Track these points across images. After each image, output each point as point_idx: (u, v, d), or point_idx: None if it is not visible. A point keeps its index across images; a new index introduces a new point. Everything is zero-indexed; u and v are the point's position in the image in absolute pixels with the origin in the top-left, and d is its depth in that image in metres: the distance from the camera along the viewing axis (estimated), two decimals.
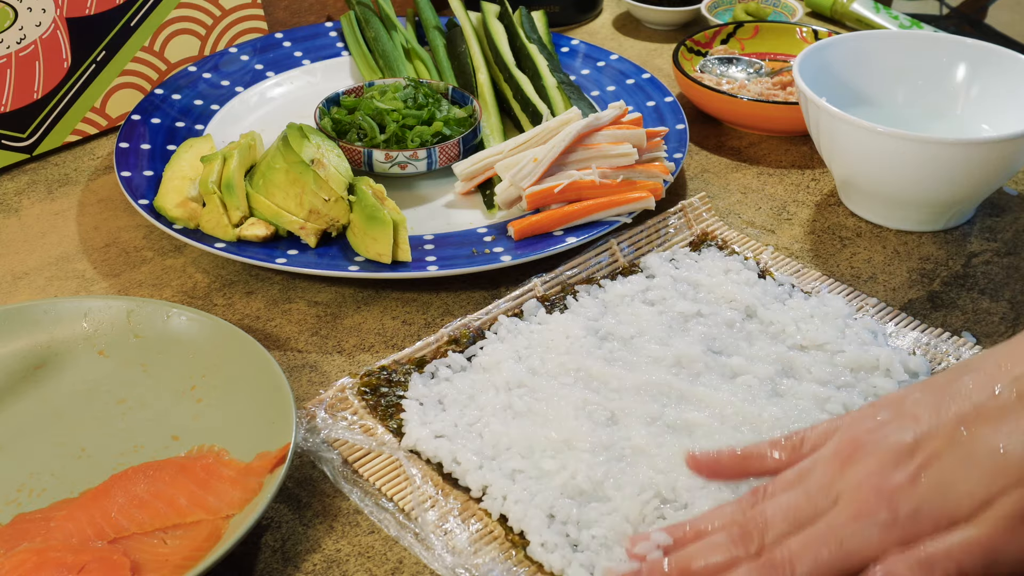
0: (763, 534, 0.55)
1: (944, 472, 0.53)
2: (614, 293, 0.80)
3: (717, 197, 0.97)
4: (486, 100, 1.05)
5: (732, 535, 0.56)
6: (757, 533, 0.56)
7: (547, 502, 0.63)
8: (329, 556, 0.64)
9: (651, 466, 0.65)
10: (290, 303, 0.84)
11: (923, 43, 0.99)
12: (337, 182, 0.85)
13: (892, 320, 0.81)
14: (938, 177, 0.86)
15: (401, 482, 0.67)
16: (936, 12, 2.34)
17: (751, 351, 0.74)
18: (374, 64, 1.12)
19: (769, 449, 0.61)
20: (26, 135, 1.03)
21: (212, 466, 0.66)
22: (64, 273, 0.88)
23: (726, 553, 0.56)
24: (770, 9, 1.28)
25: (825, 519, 0.55)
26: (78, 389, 0.74)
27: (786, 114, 1.03)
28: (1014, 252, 0.90)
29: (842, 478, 0.55)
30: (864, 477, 0.55)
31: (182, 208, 0.87)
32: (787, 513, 0.56)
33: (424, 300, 0.85)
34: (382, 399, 0.72)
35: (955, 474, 0.53)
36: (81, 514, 0.63)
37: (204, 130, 1.02)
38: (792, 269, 0.86)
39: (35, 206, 0.97)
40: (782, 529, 0.55)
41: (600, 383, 0.71)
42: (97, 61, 1.05)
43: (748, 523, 0.56)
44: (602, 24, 1.34)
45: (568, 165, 0.89)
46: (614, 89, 1.09)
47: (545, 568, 0.61)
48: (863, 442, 0.56)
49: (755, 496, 0.58)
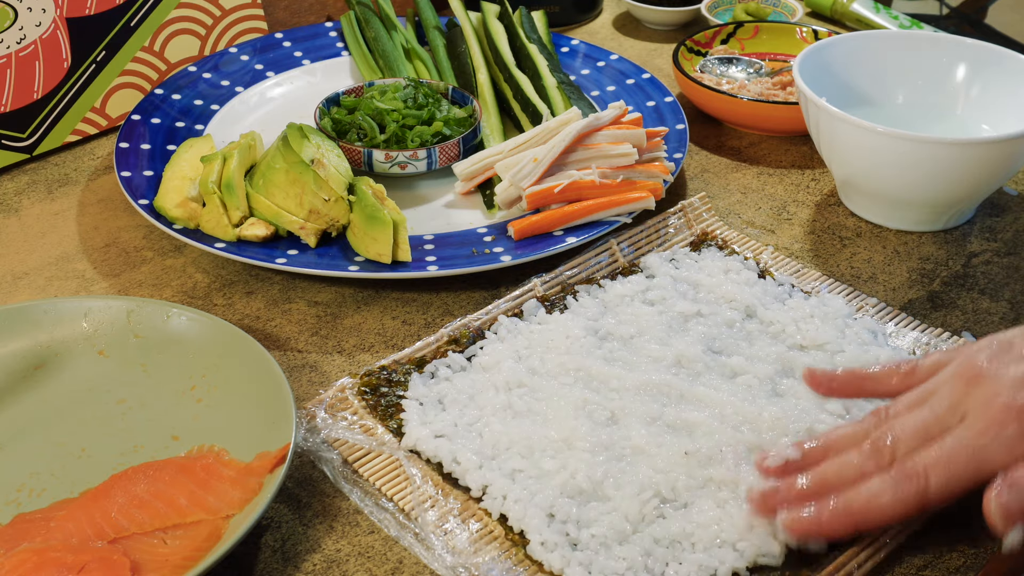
0: (894, 449, 0.60)
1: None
2: (614, 293, 0.80)
3: (717, 197, 0.97)
4: (486, 100, 1.05)
5: (863, 451, 0.61)
6: (888, 448, 0.60)
7: (547, 501, 0.63)
8: (329, 556, 0.64)
9: (651, 466, 0.65)
10: (290, 303, 0.84)
11: (923, 43, 0.99)
12: (337, 182, 0.85)
13: (892, 320, 0.81)
14: (938, 177, 0.86)
15: (401, 482, 0.67)
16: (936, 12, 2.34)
17: (751, 351, 0.74)
18: (374, 64, 1.12)
19: (885, 373, 0.66)
20: (26, 135, 1.03)
21: (212, 466, 0.66)
22: (64, 273, 0.88)
23: (859, 467, 0.60)
24: (770, 9, 1.28)
25: (954, 433, 0.59)
26: (78, 389, 0.74)
27: (786, 114, 1.03)
28: (1014, 252, 0.90)
29: (968, 398, 0.60)
30: (991, 396, 0.59)
31: (182, 208, 0.87)
32: (916, 429, 0.60)
33: (424, 300, 0.85)
34: (382, 399, 0.72)
35: None
36: (81, 514, 0.63)
37: (204, 130, 1.02)
38: (792, 269, 0.86)
39: (35, 206, 0.97)
40: (911, 445, 0.60)
41: (600, 383, 0.71)
42: (97, 61, 1.05)
43: (878, 439, 0.61)
44: (602, 24, 1.34)
45: (568, 165, 0.89)
46: (614, 89, 1.09)
47: (545, 567, 0.61)
48: (984, 369, 0.61)
49: (878, 417, 0.63)
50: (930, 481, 0.58)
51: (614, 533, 0.61)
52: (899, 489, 0.59)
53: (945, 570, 0.63)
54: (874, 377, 0.66)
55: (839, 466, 0.61)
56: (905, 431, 0.60)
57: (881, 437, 0.61)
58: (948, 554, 0.64)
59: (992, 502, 0.57)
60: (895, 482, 0.59)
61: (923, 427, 0.60)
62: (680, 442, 0.67)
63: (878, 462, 0.60)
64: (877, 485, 0.59)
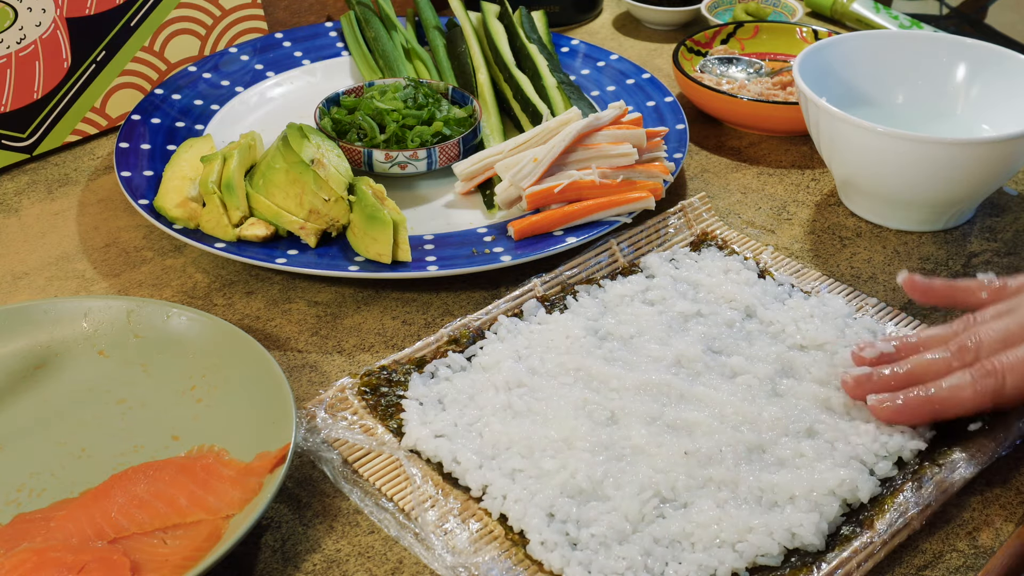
0: (977, 349, 0.67)
1: None
2: (614, 293, 0.80)
3: (717, 197, 0.97)
4: (486, 100, 1.05)
5: (951, 348, 0.68)
6: (972, 348, 0.67)
7: (547, 501, 0.63)
8: (329, 556, 0.64)
9: (650, 465, 0.65)
10: (290, 303, 0.84)
11: (923, 43, 0.99)
12: (337, 182, 0.85)
13: (892, 320, 0.81)
14: (938, 177, 0.86)
15: (401, 482, 0.67)
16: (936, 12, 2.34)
17: (751, 351, 0.74)
18: (374, 64, 1.12)
19: (976, 286, 0.72)
20: (26, 135, 1.03)
21: (212, 466, 0.66)
22: (64, 273, 0.88)
23: (944, 362, 0.68)
24: (770, 9, 1.28)
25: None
26: (78, 389, 0.74)
27: (786, 114, 1.03)
28: (1014, 252, 0.90)
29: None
30: None
31: (182, 208, 0.87)
32: (998, 334, 0.67)
33: (424, 300, 0.85)
34: (382, 399, 0.72)
35: None
36: (81, 514, 0.63)
37: (204, 130, 1.02)
38: (792, 269, 0.86)
39: (35, 206, 0.97)
40: (994, 347, 0.67)
41: (600, 383, 0.71)
42: (97, 61, 1.05)
43: (964, 340, 0.68)
44: (602, 24, 1.34)
45: (568, 165, 0.89)
46: (614, 89, 1.09)
47: (544, 567, 0.61)
48: None
49: (966, 322, 0.69)
50: (1007, 379, 0.65)
51: (614, 533, 0.61)
52: (978, 384, 0.65)
53: (945, 570, 0.63)
54: (966, 289, 0.72)
55: (927, 360, 0.68)
56: (989, 335, 0.67)
57: (967, 338, 0.68)
58: (948, 554, 0.64)
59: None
60: (975, 378, 0.65)
61: (1005, 333, 0.67)
62: (680, 442, 0.67)
63: (962, 360, 0.67)
64: (958, 379, 0.66)
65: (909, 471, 0.66)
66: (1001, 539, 0.65)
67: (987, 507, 0.67)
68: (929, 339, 0.70)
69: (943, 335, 0.70)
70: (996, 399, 0.66)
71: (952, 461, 0.66)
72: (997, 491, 0.68)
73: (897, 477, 0.66)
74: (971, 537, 0.65)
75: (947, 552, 0.64)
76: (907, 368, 0.68)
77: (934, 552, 0.64)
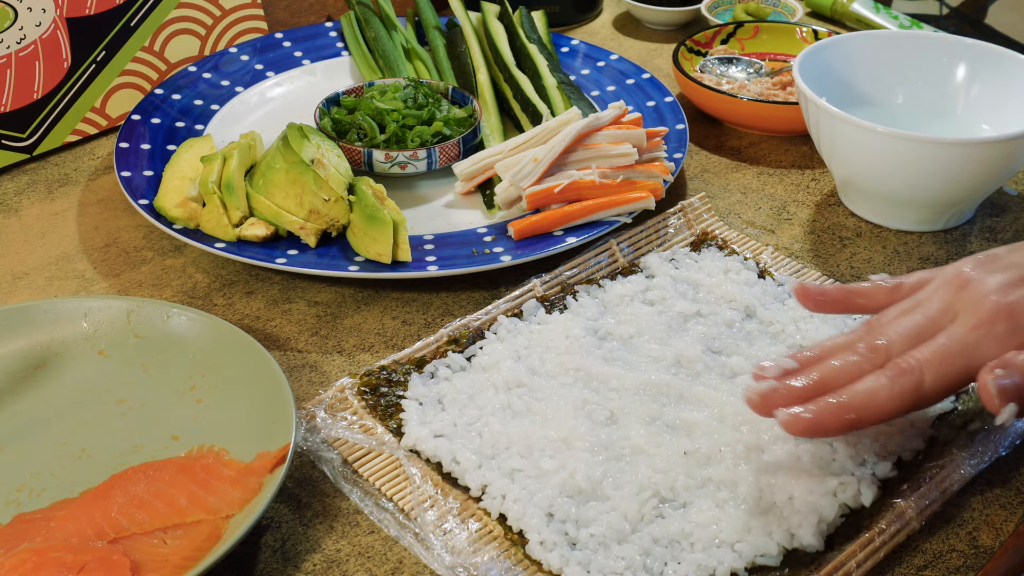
0: (888, 348, 0.62)
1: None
2: (614, 293, 0.80)
3: (717, 197, 0.97)
4: (486, 100, 1.05)
5: (859, 351, 0.63)
6: (883, 348, 0.62)
7: (546, 501, 0.63)
8: (329, 556, 0.64)
9: (650, 465, 0.65)
10: (290, 303, 0.84)
11: (923, 43, 0.99)
12: (337, 182, 0.85)
13: None
14: (938, 177, 0.86)
15: (401, 482, 0.67)
16: (936, 12, 2.34)
17: (750, 351, 0.75)
18: (374, 64, 1.12)
19: (872, 289, 0.68)
20: (26, 135, 1.03)
21: (212, 466, 0.66)
22: (64, 273, 0.88)
23: (856, 365, 0.62)
24: (770, 9, 1.28)
25: (947, 331, 0.62)
26: (78, 389, 0.74)
27: (786, 114, 1.03)
28: None
29: (958, 300, 0.63)
30: (981, 297, 0.62)
31: (182, 208, 0.87)
32: (909, 331, 0.63)
33: (424, 300, 0.85)
34: (382, 399, 0.72)
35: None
36: (81, 514, 0.63)
37: (204, 130, 1.02)
38: (792, 269, 0.86)
39: (35, 206, 0.97)
40: (906, 345, 0.62)
41: (599, 383, 0.71)
42: (97, 61, 1.05)
43: (873, 341, 0.63)
44: (602, 24, 1.34)
45: (568, 165, 0.89)
46: (614, 89, 1.09)
47: (544, 567, 0.61)
48: (972, 276, 0.64)
49: (869, 325, 0.65)
50: (925, 376, 0.60)
51: (613, 533, 0.61)
52: (895, 384, 0.60)
53: (945, 570, 0.63)
54: (863, 293, 0.68)
55: (837, 366, 0.62)
56: (899, 332, 0.63)
57: (876, 339, 0.63)
58: (948, 554, 0.64)
59: (988, 381, 0.58)
60: (891, 378, 0.60)
61: (916, 328, 0.63)
62: (679, 442, 0.67)
63: (874, 361, 0.62)
64: (874, 381, 0.60)
65: (909, 471, 0.66)
66: (1001, 539, 0.65)
67: (987, 507, 0.67)
68: (834, 347, 0.65)
69: (847, 341, 0.64)
70: (916, 398, 0.61)
71: (952, 461, 0.66)
72: (997, 491, 0.68)
73: (897, 477, 0.66)
74: (971, 537, 0.65)
75: (947, 552, 0.64)
76: (816, 376, 0.62)
77: (934, 552, 0.64)
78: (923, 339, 0.62)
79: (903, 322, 0.63)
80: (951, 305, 0.63)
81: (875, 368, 0.62)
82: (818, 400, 0.61)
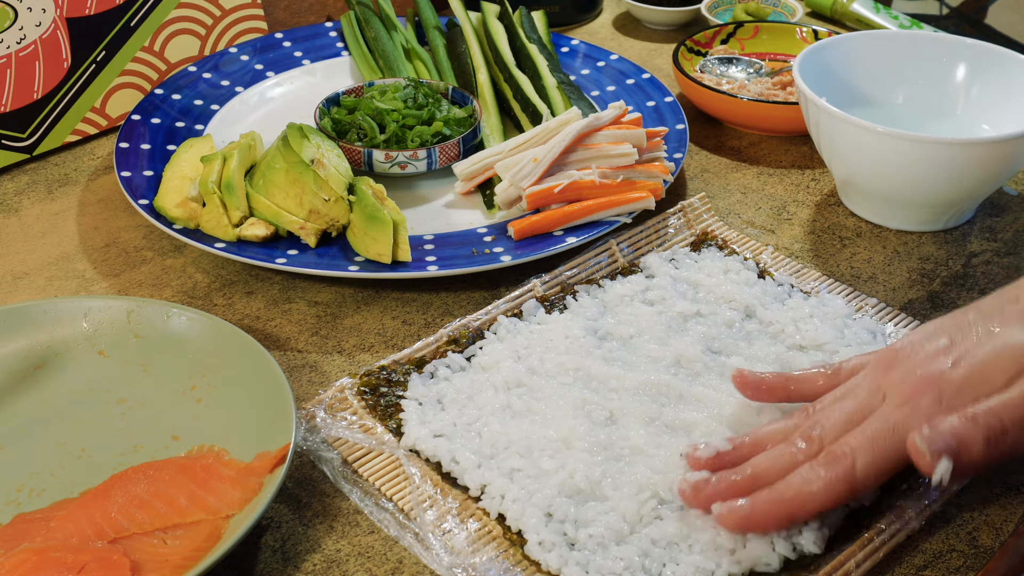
0: (822, 438, 0.62)
1: (980, 359, 0.60)
2: (614, 293, 0.80)
3: (717, 197, 0.97)
4: (486, 100, 1.05)
5: (792, 443, 0.62)
6: (816, 437, 0.62)
7: (545, 501, 0.63)
8: (329, 556, 0.64)
9: (649, 466, 0.65)
10: (290, 303, 0.84)
11: (923, 43, 0.99)
12: (337, 182, 0.85)
13: (892, 320, 0.81)
14: (938, 177, 0.86)
15: (401, 482, 0.67)
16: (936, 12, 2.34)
17: (750, 351, 0.75)
18: (374, 64, 1.12)
19: (811, 376, 0.67)
20: (26, 135, 1.03)
21: (212, 466, 0.66)
22: (64, 273, 0.88)
23: (790, 457, 0.62)
24: (770, 9, 1.28)
25: (877, 413, 0.61)
26: (78, 389, 0.74)
27: (786, 114, 1.03)
28: (1014, 252, 0.90)
29: (887, 379, 0.62)
30: (907, 372, 0.62)
31: (182, 208, 0.87)
32: (841, 418, 0.62)
33: (424, 300, 0.85)
34: (381, 399, 0.72)
35: (989, 360, 0.60)
36: (81, 514, 0.63)
37: (204, 130, 1.02)
38: (792, 269, 0.86)
39: (35, 206, 0.97)
40: (838, 432, 0.62)
41: (599, 383, 0.71)
42: (97, 61, 1.05)
43: (807, 430, 0.62)
44: (602, 24, 1.34)
45: (568, 165, 0.89)
46: (614, 89, 1.09)
47: (542, 567, 0.61)
48: (901, 352, 0.64)
49: (805, 412, 0.64)
50: (857, 462, 0.59)
51: (612, 533, 0.61)
52: (828, 473, 0.59)
53: (945, 570, 0.63)
54: (801, 379, 0.67)
55: (770, 458, 0.62)
56: (831, 420, 0.62)
57: (809, 428, 0.62)
58: (948, 554, 0.64)
59: (916, 440, 0.58)
60: (823, 467, 0.60)
61: (848, 415, 0.62)
62: (678, 442, 0.67)
63: (807, 451, 0.61)
64: (807, 472, 0.60)
65: (908, 471, 0.66)
66: (1001, 539, 0.65)
67: (987, 507, 0.67)
68: (768, 435, 0.64)
69: (783, 429, 0.64)
70: (850, 486, 0.59)
71: None
72: (997, 491, 0.68)
73: (896, 477, 0.66)
74: (971, 537, 0.65)
75: (947, 552, 0.64)
76: (750, 470, 0.62)
77: (934, 552, 0.64)
78: (855, 424, 0.61)
79: (836, 409, 0.63)
80: (880, 385, 0.62)
81: (809, 458, 0.61)
82: (755, 495, 0.60)
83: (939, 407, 0.60)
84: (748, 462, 0.62)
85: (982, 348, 0.61)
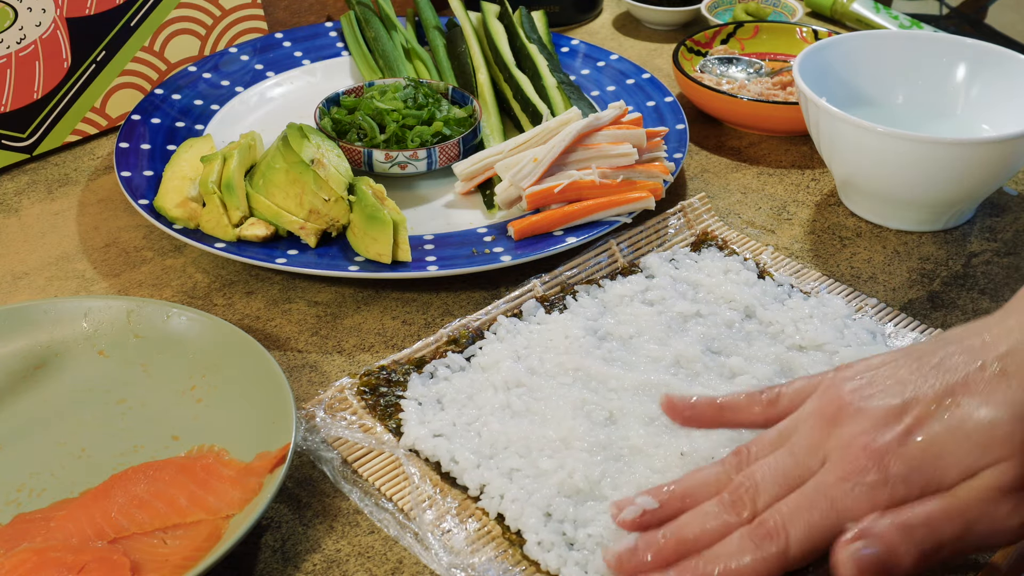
0: (754, 499, 0.56)
1: (933, 438, 0.54)
2: (613, 293, 0.80)
3: (717, 197, 0.97)
4: (486, 100, 1.05)
5: (723, 502, 0.57)
6: (748, 498, 0.56)
7: (544, 501, 0.63)
8: (329, 556, 0.64)
9: (648, 466, 0.65)
10: (290, 303, 0.84)
11: (923, 43, 0.99)
12: (337, 182, 0.85)
13: (892, 320, 0.81)
14: (938, 177, 0.86)
15: (401, 482, 0.67)
16: (936, 12, 2.34)
17: (750, 351, 0.75)
18: (374, 64, 1.12)
19: (746, 402, 0.61)
20: (26, 135, 1.03)
21: (212, 466, 0.66)
22: (64, 273, 0.88)
23: (719, 520, 0.56)
24: (770, 9, 1.28)
25: (814, 480, 0.55)
26: (78, 389, 0.74)
27: (786, 114, 1.03)
28: (1014, 252, 0.90)
29: (829, 438, 0.56)
30: (852, 437, 0.55)
31: (182, 208, 0.87)
32: (775, 475, 0.56)
33: (424, 300, 0.85)
34: (381, 399, 0.72)
35: (944, 442, 0.53)
36: (81, 514, 0.64)
37: (204, 130, 1.02)
38: (792, 269, 0.86)
39: (35, 206, 0.97)
40: (773, 492, 0.56)
41: (599, 383, 0.71)
42: (97, 61, 1.05)
43: (738, 488, 0.57)
44: (602, 24, 1.34)
45: (568, 165, 0.89)
46: (614, 89, 1.09)
47: (541, 567, 0.61)
48: (846, 402, 0.56)
49: (739, 457, 0.59)
50: (790, 538, 0.54)
51: (611, 533, 0.61)
52: (759, 550, 0.54)
53: (945, 570, 0.63)
54: (735, 406, 0.62)
55: (699, 521, 0.57)
56: (765, 478, 0.57)
57: (740, 485, 0.57)
58: None
59: (845, 556, 0.53)
60: (755, 543, 0.55)
61: (783, 473, 0.56)
62: (677, 442, 0.67)
63: (739, 514, 0.56)
64: (737, 545, 0.55)
65: None
66: None
67: None
68: (699, 487, 0.59)
69: (716, 479, 0.58)
70: (783, 563, 0.54)
71: None
72: None
73: None
74: None
75: None
76: (678, 535, 0.57)
77: None
78: (790, 485, 0.56)
79: (770, 462, 0.57)
80: (821, 444, 0.56)
81: (741, 523, 0.56)
82: (682, 568, 0.56)
83: (882, 491, 0.54)
84: (676, 523, 0.58)
85: (941, 423, 0.54)
